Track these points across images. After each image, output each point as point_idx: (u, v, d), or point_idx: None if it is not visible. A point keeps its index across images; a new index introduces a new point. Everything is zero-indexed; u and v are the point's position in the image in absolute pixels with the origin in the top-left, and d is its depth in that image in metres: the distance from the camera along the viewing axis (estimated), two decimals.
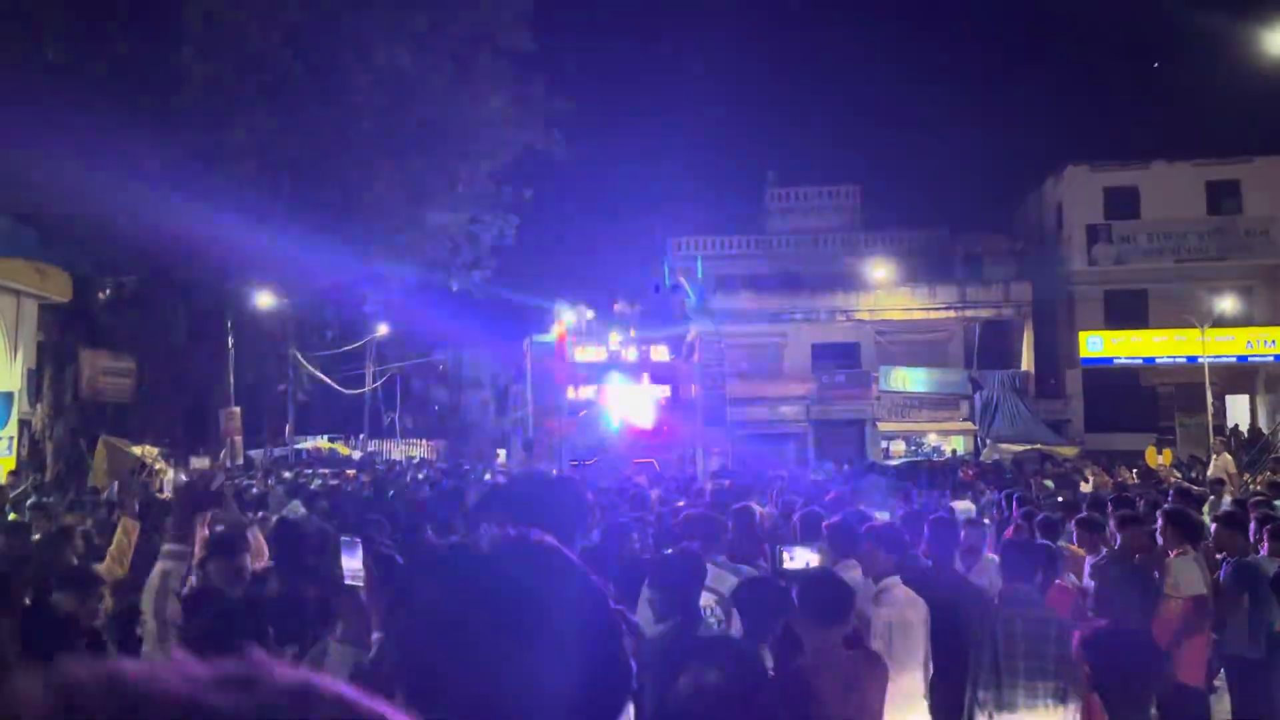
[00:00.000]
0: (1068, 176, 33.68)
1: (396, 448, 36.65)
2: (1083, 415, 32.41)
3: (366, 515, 7.74)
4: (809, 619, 3.61)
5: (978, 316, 34.18)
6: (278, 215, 20.16)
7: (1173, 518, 7.31)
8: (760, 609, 3.60)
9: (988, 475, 19.47)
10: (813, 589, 3.67)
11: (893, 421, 32.98)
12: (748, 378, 31.92)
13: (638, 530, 6.77)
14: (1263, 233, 31.73)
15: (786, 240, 36.68)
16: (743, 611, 3.67)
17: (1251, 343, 31.17)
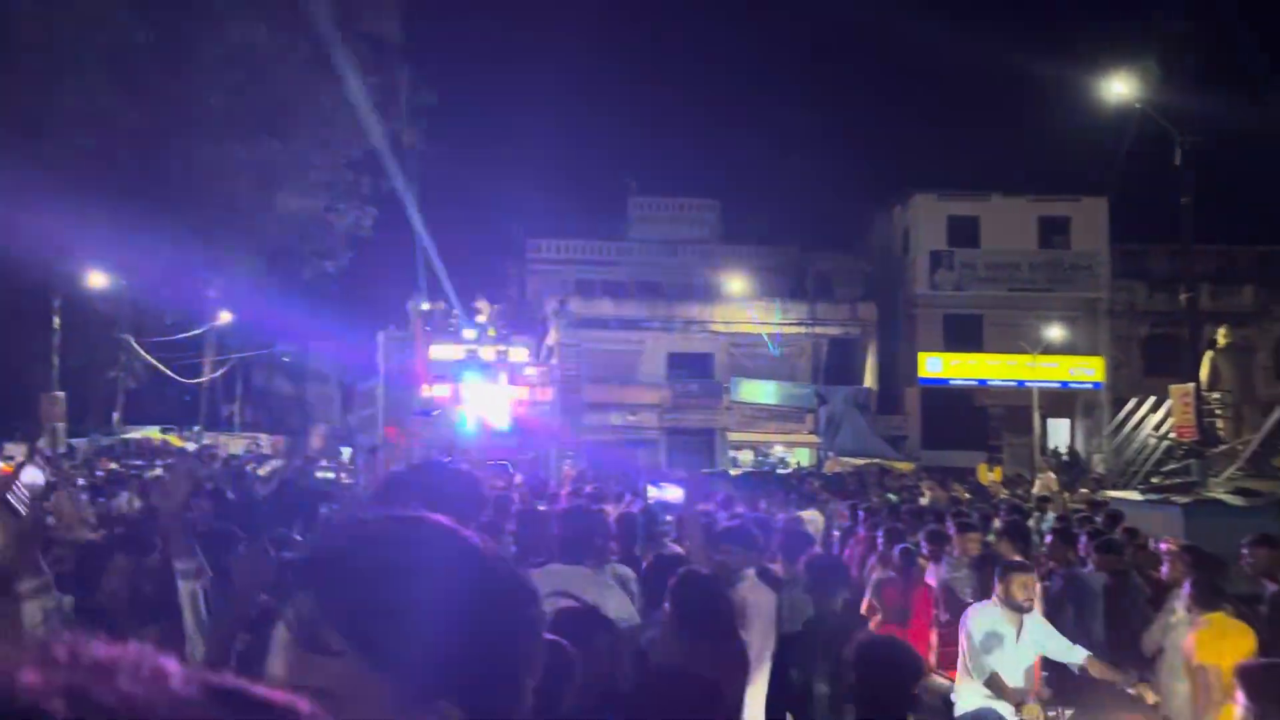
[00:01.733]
0: (915, 204, 35.24)
1: (234, 441, 35.02)
2: (920, 432, 33.92)
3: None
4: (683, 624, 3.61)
5: (826, 333, 35.33)
6: (112, 190, 18.97)
7: (1009, 530, 7.72)
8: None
9: (831, 487, 20.17)
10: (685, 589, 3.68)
11: (742, 432, 33.73)
12: (604, 383, 32.04)
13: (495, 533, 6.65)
14: (1086, 268, 34.00)
15: (647, 249, 37.04)
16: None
17: (1073, 370, 33.35)
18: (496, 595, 1.01)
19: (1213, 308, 30.56)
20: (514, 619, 1.02)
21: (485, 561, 1.03)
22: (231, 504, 8.42)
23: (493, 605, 1.00)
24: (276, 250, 24.08)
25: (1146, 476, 16.43)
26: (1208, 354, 16.83)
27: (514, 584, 1.04)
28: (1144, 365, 33.15)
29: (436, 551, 1.00)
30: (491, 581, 1.01)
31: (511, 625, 1.01)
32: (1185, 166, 14.21)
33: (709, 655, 3.87)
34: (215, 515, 6.83)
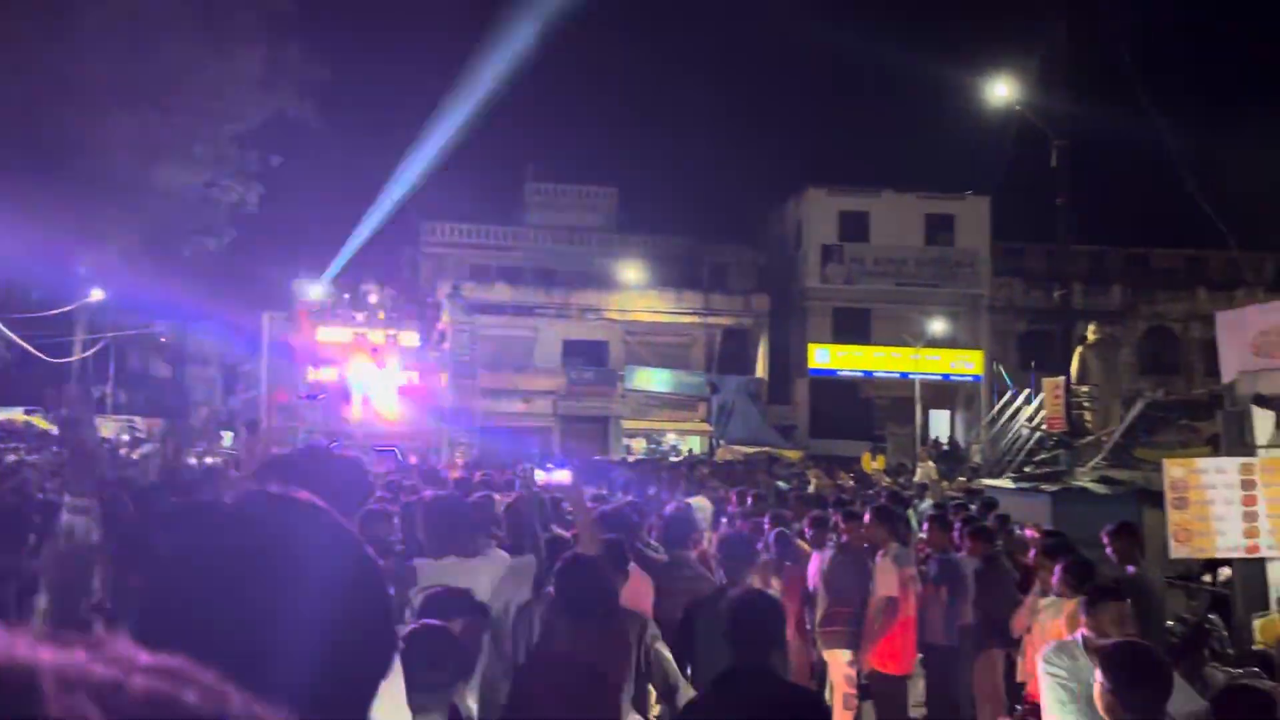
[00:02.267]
0: (807, 198, 35.91)
1: (107, 423, 33.50)
2: (808, 421, 34.67)
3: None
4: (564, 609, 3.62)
5: (719, 324, 35.75)
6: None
7: (878, 514, 7.97)
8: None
9: (720, 474, 20.50)
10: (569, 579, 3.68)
11: (635, 420, 33.90)
12: (497, 370, 31.76)
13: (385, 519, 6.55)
14: (969, 265, 35.22)
15: (543, 235, 36.83)
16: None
17: (955, 363, 34.55)
18: (367, 589, 0.98)
19: (1084, 305, 32.06)
20: (378, 615, 1.00)
21: (359, 551, 1.00)
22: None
23: (362, 600, 0.97)
24: (155, 226, 23.06)
25: (1019, 466, 17.15)
26: (1078, 349, 17.66)
27: (378, 579, 1.02)
28: (1020, 359, 34.54)
29: (310, 535, 0.97)
30: (363, 573, 0.98)
31: (374, 624, 0.98)
32: (1060, 168, 14.84)
33: (592, 638, 3.89)
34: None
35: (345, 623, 0.92)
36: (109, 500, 5.01)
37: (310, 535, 0.95)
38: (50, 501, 7.45)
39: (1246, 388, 8.98)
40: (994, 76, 15.22)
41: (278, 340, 20.89)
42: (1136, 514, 10.53)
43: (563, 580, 3.66)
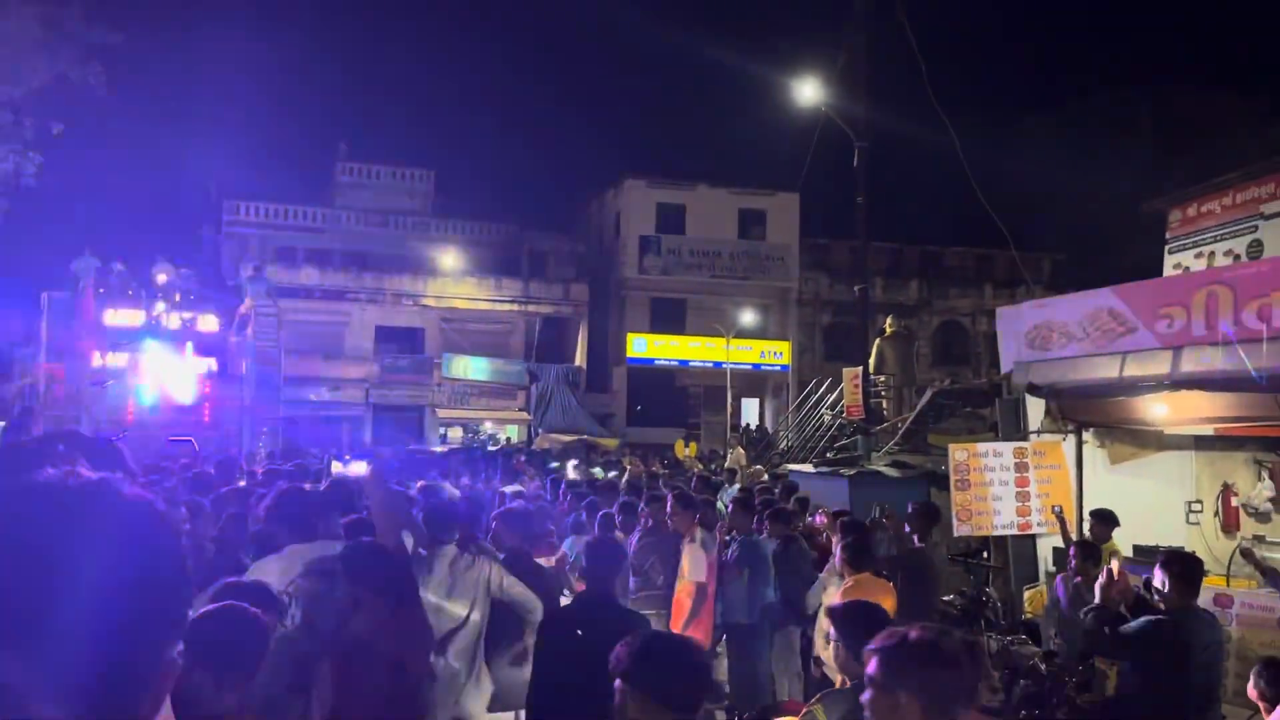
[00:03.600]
0: (626, 189, 36.30)
1: None
2: (625, 410, 35.13)
3: None
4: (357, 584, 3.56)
5: (539, 312, 35.67)
6: None
7: (679, 499, 8.19)
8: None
9: (534, 461, 20.53)
10: (361, 558, 3.63)
11: (452, 409, 33.39)
12: (305, 356, 30.54)
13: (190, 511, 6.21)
14: (779, 259, 36.54)
15: (355, 217, 35.64)
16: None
17: (764, 353, 35.82)
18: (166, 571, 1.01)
19: (883, 300, 33.88)
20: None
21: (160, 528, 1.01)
22: None
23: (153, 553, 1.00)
24: None
25: (822, 451, 17.95)
26: (876, 341, 18.64)
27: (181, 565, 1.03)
28: (825, 350, 36.15)
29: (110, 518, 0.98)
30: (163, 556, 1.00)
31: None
32: (861, 169, 15.58)
33: (390, 626, 3.81)
34: None
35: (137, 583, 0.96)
36: None
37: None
38: None
39: (1021, 377, 9.70)
40: (803, 78, 15.82)
41: (59, 323, 19.27)
42: (925, 495, 11.25)
43: (352, 570, 3.57)
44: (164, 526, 1.04)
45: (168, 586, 1.01)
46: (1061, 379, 9.30)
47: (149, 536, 1.01)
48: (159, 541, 1.02)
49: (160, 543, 1.02)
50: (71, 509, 0.96)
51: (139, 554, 0.98)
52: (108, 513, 0.98)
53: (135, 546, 0.98)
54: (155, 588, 0.99)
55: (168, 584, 1.01)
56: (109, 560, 0.94)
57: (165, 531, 1.04)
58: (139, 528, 1.00)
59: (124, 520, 0.99)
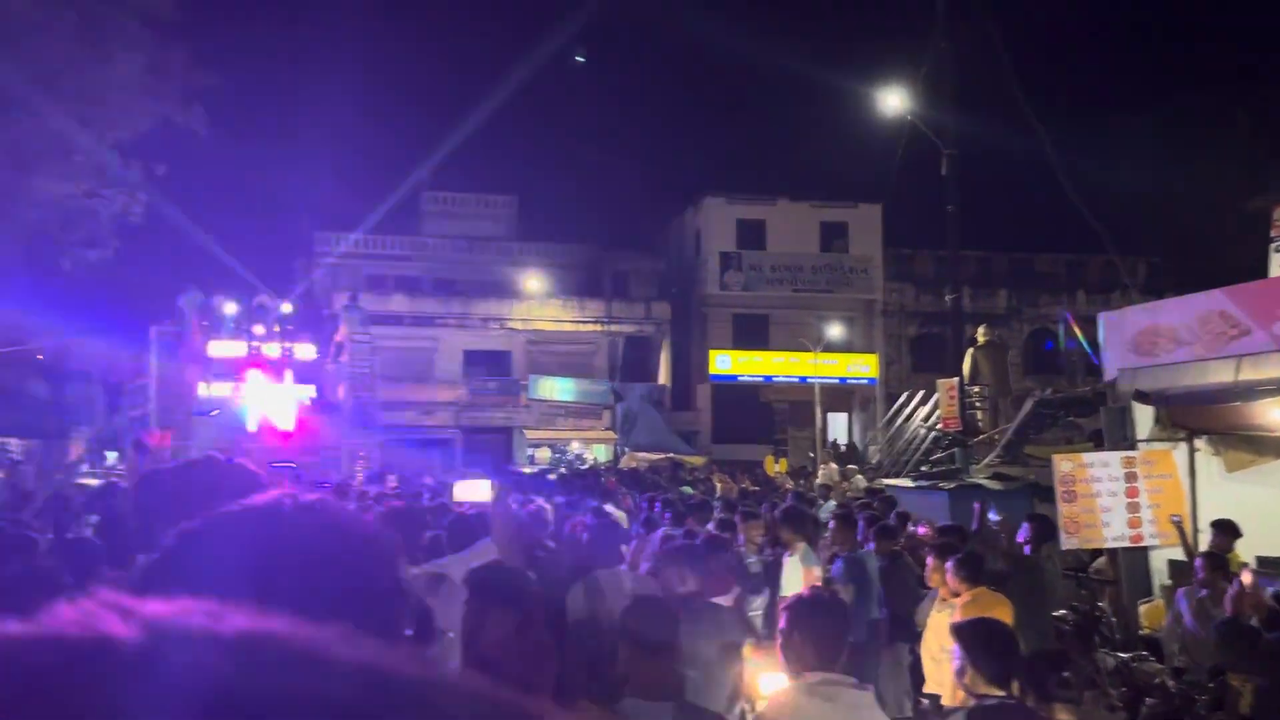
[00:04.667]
0: (706, 206, 36.37)
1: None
2: (710, 427, 35.06)
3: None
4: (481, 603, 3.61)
5: (622, 331, 35.89)
6: None
7: (787, 516, 8.11)
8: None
9: (627, 482, 20.57)
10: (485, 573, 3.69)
11: (540, 429, 33.76)
12: (397, 381, 31.23)
13: None
14: (863, 271, 36.16)
15: (442, 245, 36.40)
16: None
17: (850, 367, 35.42)
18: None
19: (972, 309, 33.23)
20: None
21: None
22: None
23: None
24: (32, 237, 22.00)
25: (916, 465, 17.66)
26: (969, 351, 18.30)
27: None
28: (913, 362, 35.60)
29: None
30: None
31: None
32: (949, 177, 15.38)
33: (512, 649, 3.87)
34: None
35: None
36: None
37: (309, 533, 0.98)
38: None
39: (1127, 384, 9.45)
40: (886, 87, 15.70)
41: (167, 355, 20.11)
42: (1029, 507, 10.99)
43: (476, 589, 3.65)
44: (381, 543, 1.07)
45: (388, 604, 1.04)
46: (1172, 385, 9.04)
47: (370, 554, 1.04)
48: (378, 557, 1.05)
49: (380, 558, 1.05)
50: (299, 530, 0.99)
51: (362, 571, 1.01)
52: (332, 532, 1.01)
53: (358, 564, 1.01)
54: (377, 605, 0.99)
55: (387, 601, 1.04)
56: (336, 579, 0.97)
57: (383, 548, 1.07)
58: (360, 546, 1.03)
59: (347, 539, 1.02)
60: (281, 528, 0.98)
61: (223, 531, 0.98)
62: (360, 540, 1.03)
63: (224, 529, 0.98)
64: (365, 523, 1.06)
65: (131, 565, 4.76)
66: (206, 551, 0.96)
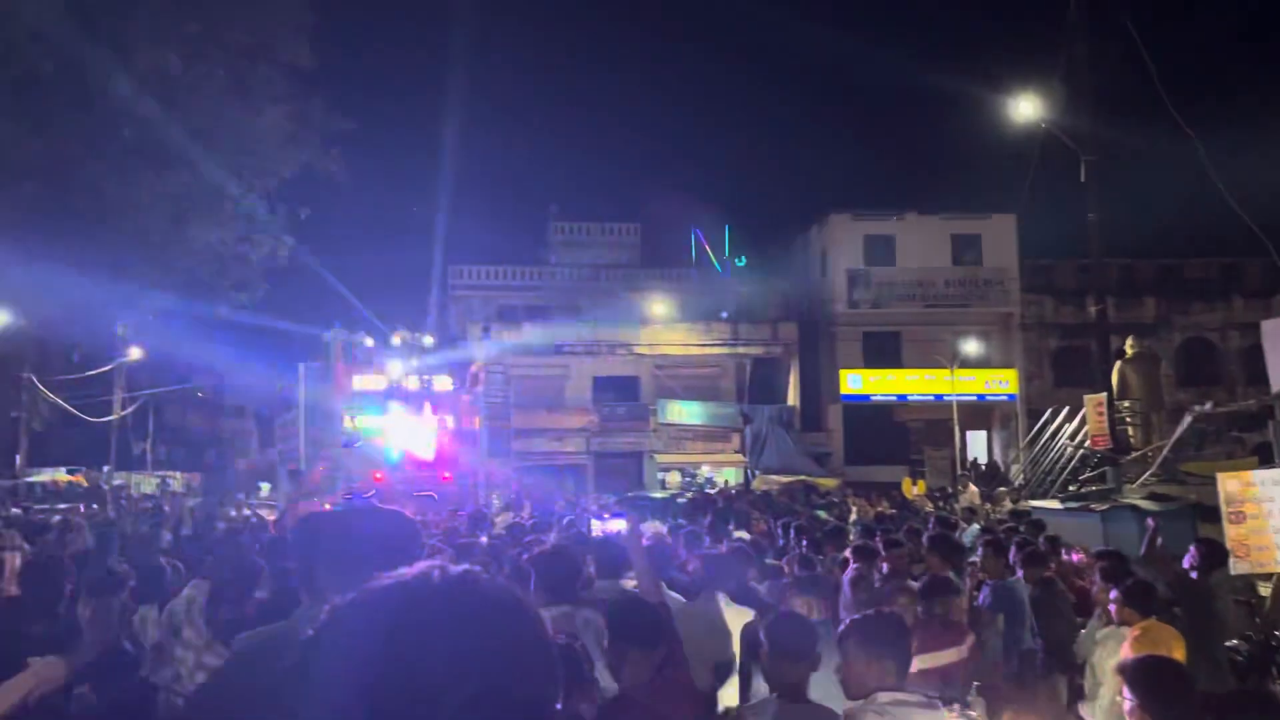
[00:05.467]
0: (831, 224, 35.92)
1: (146, 480, 33.90)
2: (843, 448, 34.43)
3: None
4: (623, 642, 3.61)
5: (749, 353, 35.70)
6: (18, 224, 18.28)
7: (934, 542, 7.84)
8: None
9: (759, 505, 20.31)
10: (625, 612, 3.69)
11: (669, 453, 33.83)
12: (530, 409, 31.84)
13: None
14: (999, 283, 35.01)
15: (569, 274, 37.04)
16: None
17: (989, 383, 34.25)
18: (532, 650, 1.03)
19: (1117, 319, 31.70)
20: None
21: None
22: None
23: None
24: (190, 283, 23.41)
25: (1064, 485, 16.89)
26: (1117, 364, 17.44)
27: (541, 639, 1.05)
28: (1055, 376, 34.19)
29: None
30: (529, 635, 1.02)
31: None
32: (1089, 183, 14.76)
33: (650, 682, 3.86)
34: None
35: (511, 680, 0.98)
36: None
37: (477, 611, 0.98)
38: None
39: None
40: (1017, 94, 15.22)
41: (313, 390, 21.09)
42: (1192, 529, 10.36)
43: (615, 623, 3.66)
44: (530, 617, 1.05)
45: (540, 677, 1.01)
46: None
47: (519, 629, 1.02)
48: (527, 632, 1.02)
49: (528, 634, 1.02)
50: (447, 607, 0.98)
51: (511, 648, 0.99)
52: (480, 607, 1.00)
53: (507, 640, 0.98)
54: (527, 679, 1.00)
55: (539, 674, 1.01)
56: (485, 657, 0.95)
57: (532, 622, 1.05)
58: (508, 621, 1.01)
59: (495, 614, 1.00)
60: (431, 613, 0.99)
61: (374, 611, 1.00)
62: (512, 625, 1.02)
63: (375, 609, 1.00)
64: (514, 600, 1.04)
65: (245, 600, 4.96)
66: (359, 630, 0.98)
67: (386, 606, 1.00)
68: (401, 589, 1.02)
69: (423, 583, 1.01)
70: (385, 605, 1.00)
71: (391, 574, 1.04)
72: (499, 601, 1.02)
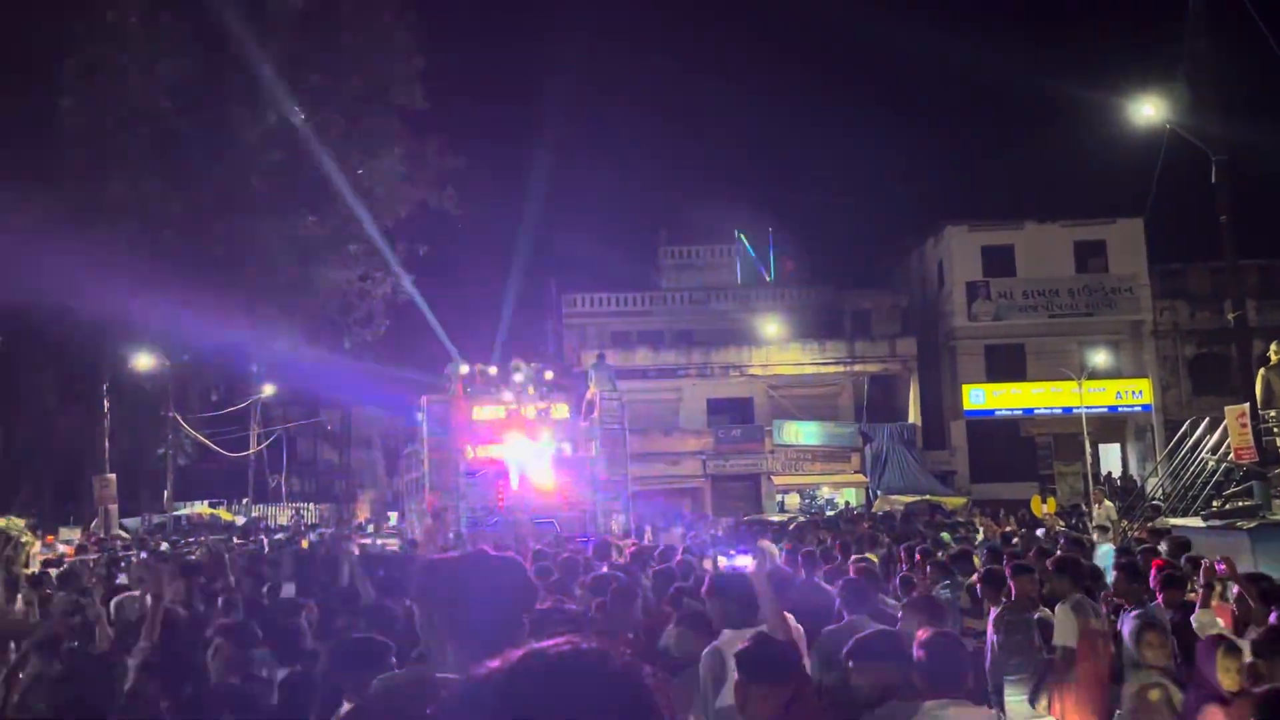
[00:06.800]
0: (947, 236, 35.12)
1: (281, 512, 35.36)
2: (968, 465, 33.47)
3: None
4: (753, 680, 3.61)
5: (866, 371, 35.12)
6: (159, 273, 19.45)
7: (1061, 565, 7.52)
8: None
9: (882, 527, 19.86)
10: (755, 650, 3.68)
11: (787, 475, 33.46)
12: (644, 434, 31.99)
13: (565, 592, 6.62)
14: (1126, 290, 33.60)
15: (680, 297, 37.16)
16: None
17: (1121, 393, 32.81)
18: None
19: (1258, 323, 30.03)
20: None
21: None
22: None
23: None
24: (317, 322, 24.48)
25: (1207, 501, 16.03)
26: (1260, 371, 16.48)
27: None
28: (1192, 385, 32.57)
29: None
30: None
31: None
32: (1220, 184, 14.07)
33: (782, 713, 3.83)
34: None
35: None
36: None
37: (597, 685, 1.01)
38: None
39: None
40: (1135, 96, 14.64)
41: (435, 421, 21.74)
42: None
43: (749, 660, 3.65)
44: (651, 701, 1.07)
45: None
46: None
47: (639, 713, 1.04)
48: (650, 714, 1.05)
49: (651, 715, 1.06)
50: (575, 686, 1.01)
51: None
52: (604, 688, 1.03)
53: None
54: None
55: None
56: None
57: (653, 707, 1.07)
58: (630, 704, 1.04)
59: (617, 697, 1.03)
60: (563, 695, 1.02)
61: (510, 687, 1.03)
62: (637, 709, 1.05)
63: (513, 683, 1.04)
64: (637, 682, 1.06)
65: (347, 630, 5.12)
66: (496, 705, 1.02)
67: (524, 683, 1.04)
68: (539, 666, 1.05)
69: (557, 663, 1.05)
70: (523, 681, 1.04)
71: (526, 649, 1.08)
72: (624, 679, 1.05)
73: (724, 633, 4.59)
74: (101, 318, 19.45)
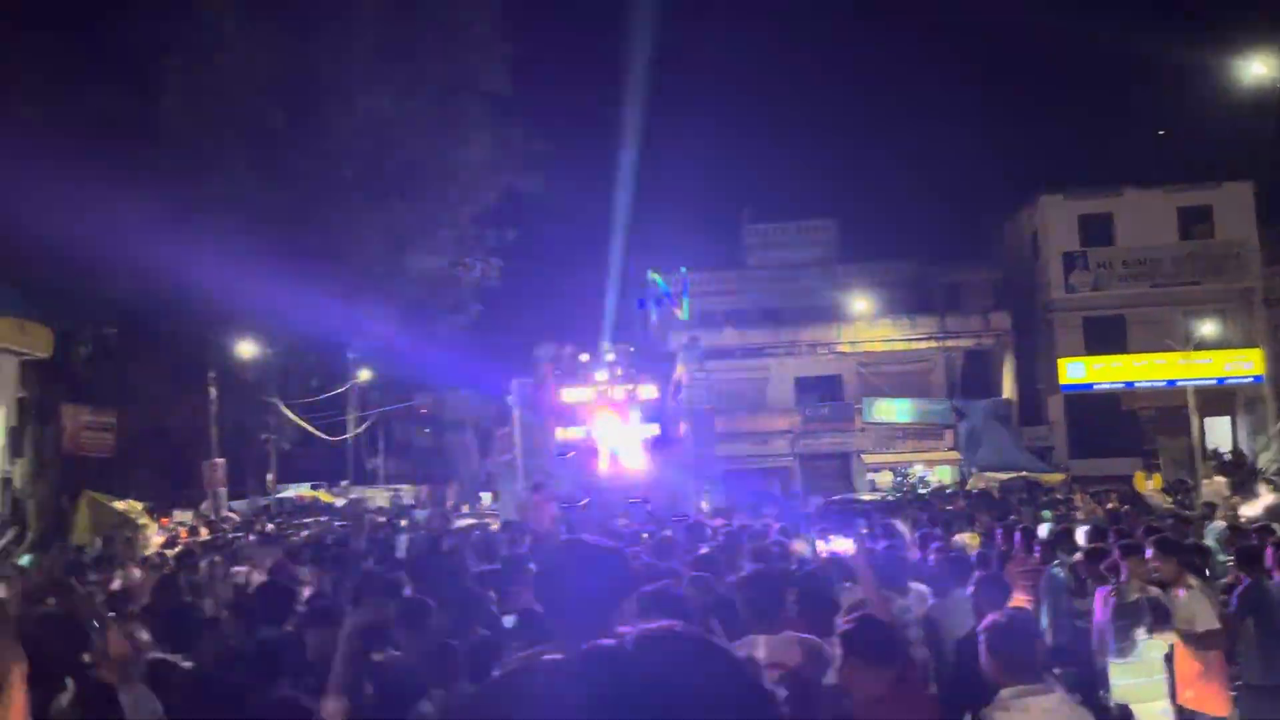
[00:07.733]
0: (1041, 205, 34.11)
1: (379, 494, 36.33)
2: (1066, 441, 32.59)
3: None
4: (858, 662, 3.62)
5: (958, 346, 34.41)
6: (259, 264, 20.12)
7: (1163, 546, 7.29)
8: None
9: (979, 505, 19.48)
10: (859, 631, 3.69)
11: (878, 453, 33.05)
12: (733, 413, 31.91)
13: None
14: (1234, 256, 32.21)
15: (766, 275, 36.85)
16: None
17: (1229, 364, 31.51)
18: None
19: None
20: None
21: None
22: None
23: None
24: (410, 307, 25.03)
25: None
26: None
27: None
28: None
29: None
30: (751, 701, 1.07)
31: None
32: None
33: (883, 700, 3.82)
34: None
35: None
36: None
37: (700, 676, 1.04)
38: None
39: None
40: (1246, 55, 13.98)
41: (526, 403, 22.09)
42: None
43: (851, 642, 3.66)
44: (760, 691, 1.10)
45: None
46: None
47: (749, 702, 1.07)
48: (756, 706, 1.08)
49: (758, 707, 1.08)
50: (693, 669, 1.04)
51: (736, 708, 1.05)
52: (716, 673, 1.06)
53: (735, 710, 1.05)
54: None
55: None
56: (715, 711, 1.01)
57: (760, 695, 1.10)
58: (738, 691, 1.07)
59: (728, 683, 1.06)
60: (667, 673, 1.06)
61: (610, 664, 1.07)
62: (740, 691, 1.08)
63: (615, 660, 1.07)
64: (736, 664, 1.09)
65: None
66: (595, 680, 1.06)
67: (630, 662, 1.08)
68: (647, 645, 1.09)
69: (673, 635, 1.09)
70: (627, 658, 1.08)
71: (635, 630, 1.12)
72: (734, 668, 1.09)
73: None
74: (208, 310, 20.26)
